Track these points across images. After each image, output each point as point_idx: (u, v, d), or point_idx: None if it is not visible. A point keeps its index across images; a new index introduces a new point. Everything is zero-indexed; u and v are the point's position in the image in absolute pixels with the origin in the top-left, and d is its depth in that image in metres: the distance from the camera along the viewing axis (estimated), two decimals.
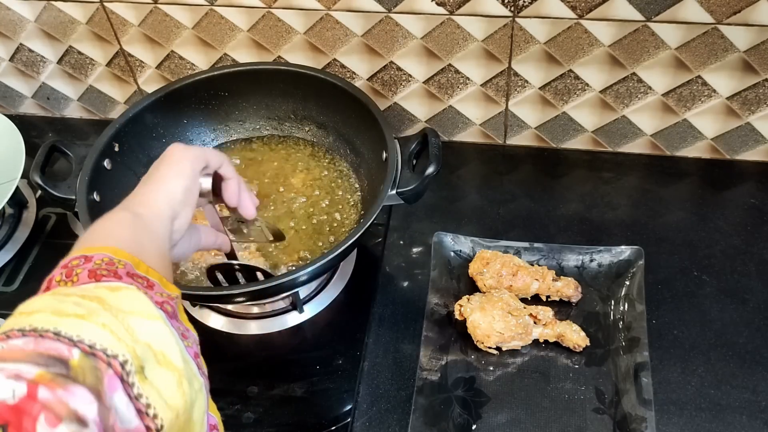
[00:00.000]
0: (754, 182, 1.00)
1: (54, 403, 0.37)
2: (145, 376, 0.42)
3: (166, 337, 0.46)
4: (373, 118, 0.88)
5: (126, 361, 0.42)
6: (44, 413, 0.36)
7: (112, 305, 0.45)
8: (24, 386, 0.37)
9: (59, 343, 0.40)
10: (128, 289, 0.47)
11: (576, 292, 0.86)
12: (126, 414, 0.41)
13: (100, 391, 0.39)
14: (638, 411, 0.76)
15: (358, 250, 0.95)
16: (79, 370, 0.39)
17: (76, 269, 0.48)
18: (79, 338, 0.41)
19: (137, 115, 0.92)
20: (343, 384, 0.83)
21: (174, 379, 0.44)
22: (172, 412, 0.43)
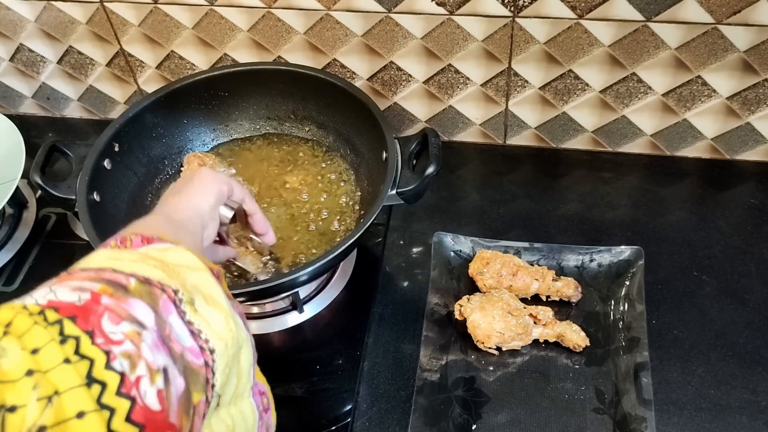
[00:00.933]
0: (754, 182, 1.00)
1: (116, 307, 0.40)
2: (196, 309, 0.45)
3: (213, 285, 0.48)
4: (373, 118, 0.88)
5: (178, 290, 0.44)
6: (108, 312, 0.40)
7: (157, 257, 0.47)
8: (88, 294, 0.40)
9: (118, 274, 0.43)
10: (176, 248, 0.50)
11: (576, 292, 0.86)
12: (181, 333, 0.43)
13: (156, 309, 0.42)
14: (638, 411, 0.76)
15: (358, 250, 0.95)
16: (137, 291, 0.42)
17: (131, 238, 0.50)
18: (134, 272, 0.44)
19: (137, 115, 0.92)
20: (343, 384, 0.83)
21: (222, 317, 0.46)
22: (222, 342, 0.45)
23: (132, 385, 0.38)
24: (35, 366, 0.36)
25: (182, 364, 0.42)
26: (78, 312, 0.39)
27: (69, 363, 0.37)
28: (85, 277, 0.43)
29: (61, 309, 0.39)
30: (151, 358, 0.40)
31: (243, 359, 0.49)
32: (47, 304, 0.39)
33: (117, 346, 0.38)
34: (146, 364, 0.39)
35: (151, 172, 0.96)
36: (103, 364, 0.37)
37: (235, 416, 0.48)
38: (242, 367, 0.49)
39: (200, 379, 0.43)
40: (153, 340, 0.40)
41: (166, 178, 0.97)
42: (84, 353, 0.37)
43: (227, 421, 0.47)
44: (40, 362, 0.36)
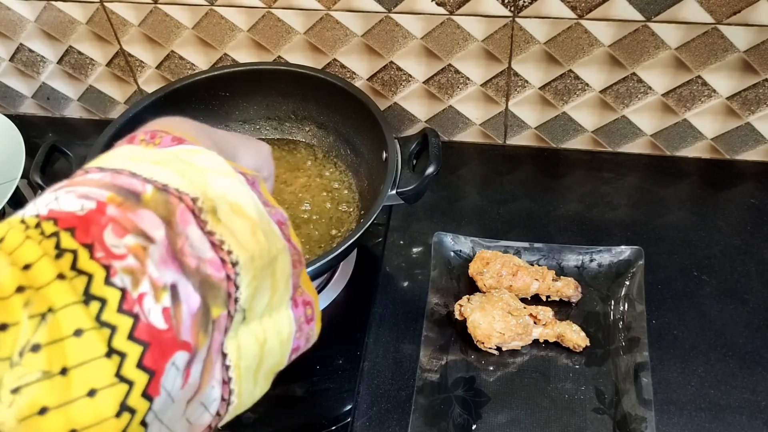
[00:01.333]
0: (754, 182, 1.00)
1: (121, 219, 0.37)
2: (219, 218, 0.41)
3: (242, 193, 0.44)
4: (373, 118, 0.88)
5: (197, 198, 0.41)
6: (111, 224, 0.37)
7: (187, 161, 0.43)
8: (93, 203, 0.37)
9: (134, 179, 0.40)
10: (207, 152, 0.45)
11: (576, 292, 0.86)
12: (200, 245, 0.40)
13: (171, 221, 0.39)
14: (638, 411, 0.76)
15: (358, 250, 0.95)
16: (151, 202, 0.39)
17: (160, 133, 0.46)
18: (152, 178, 0.40)
19: (137, 115, 0.92)
20: (343, 384, 0.83)
21: (248, 227, 0.43)
22: (247, 253, 0.42)
23: (134, 302, 0.36)
24: (27, 282, 0.34)
25: (198, 279, 0.39)
26: (78, 223, 0.36)
27: (64, 279, 0.34)
28: (97, 181, 0.40)
29: (60, 220, 0.36)
30: (156, 275, 0.37)
31: (279, 270, 0.45)
32: (47, 214, 0.37)
33: (118, 261, 0.36)
34: (151, 280, 0.36)
35: None
36: (102, 279, 0.35)
37: (268, 329, 0.45)
38: (278, 278, 0.45)
39: (221, 293, 0.40)
40: (161, 255, 0.37)
41: None
42: (81, 268, 0.35)
43: (258, 334, 0.44)
44: (32, 278, 0.34)
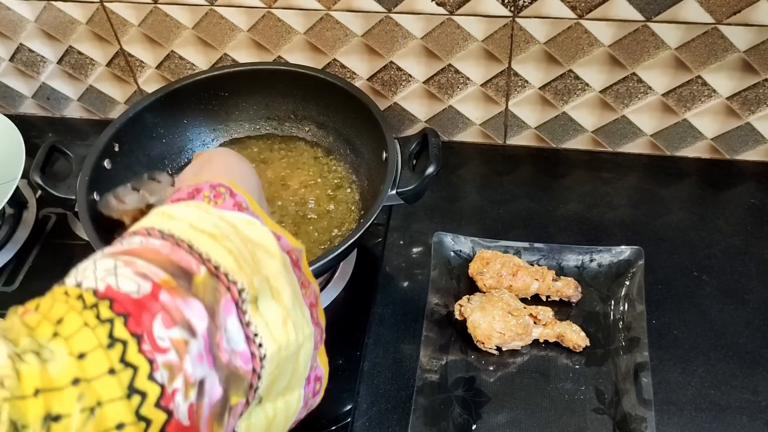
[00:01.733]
0: (754, 182, 1.00)
1: (172, 308, 0.39)
2: (257, 307, 0.44)
3: (284, 277, 0.47)
4: (373, 118, 0.88)
5: (243, 289, 0.43)
6: (162, 314, 0.38)
7: (243, 233, 0.46)
8: (149, 286, 0.39)
9: (191, 256, 0.42)
10: (261, 226, 0.48)
11: (576, 292, 0.86)
12: (236, 337, 0.42)
13: (214, 311, 0.41)
14: (638, 411, 0.76)
15: (358, 250, 0.95)
16: (201, 287, 0.41)
17: (224, 195, 0.49)
18: (207, 257, 0.43)
19: (137, 115, 0.92)
20: (343, 384, 0.83)
21: (281, 316, 0.46)
22: (275, 345, 0.45)
23: (170, 398, 0.38)
24: (81, 374, 0.36)
25: (226, 372, 0.41)
26: (132, 309, 0.38)
27: (114, 373, 0.36)
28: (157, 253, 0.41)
29: (116, 302, 0.38)
30: (190, 371, 0.39)
31: (301, 356, 0.48)
32: (105, 291, 0.38)
33: (161, 355, 0.38)
34: (184, 377, 0.38)
35: (151, 172, 0.96)
36: (146, 374, 0.37)
37: (279, 408, 0.48)
38: (299, 363, 0.48)
39: (244, 384, 0.42)
40: (199, 350, 0.39)
41: None
42: (129, 361, 0.37)
43: (269, 412, 0.46)
44: (86, 369, 0.36)
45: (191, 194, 0.49)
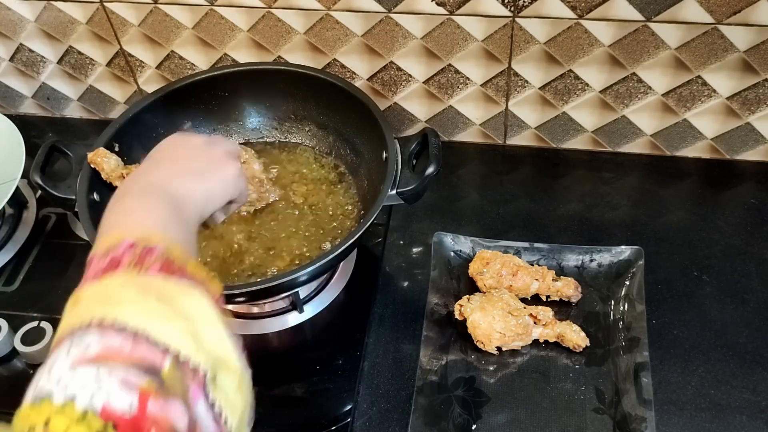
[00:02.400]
0: (754, 182, 1.00)
1: (160, 418, 0.41)
2: (216, 384, 0.45)
3: (227, 343, 0.48)
4: (373, 118, 0.88)
5: (206, 372, 0.45)
6: (154, 429, 0.40)
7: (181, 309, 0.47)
8: (136, 398, 0.40)
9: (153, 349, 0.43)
10: (192, 292, 0.49)
11: (576, 292, 0.86)
12: (206, 421, 0.44)
13: (188, 404, 0.43)
14: (638, 411, 0.76)
15: (358, 250, 0.95)
16: (170, 381, 0.42)
17: (147, 258, 0.49)
18: (166, 346, 0.44)
19: (137, 115, 0.92)
20: (343, 384, 0.83)
21: (235, 383, 0.47)
22: (237, 414, 0.46)
23: None
24: None
25: None
26: (133, 430, 0.39)
27: None
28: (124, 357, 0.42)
29: (120, 426, 0.39)
30: None
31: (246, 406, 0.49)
32: (101, 413, 0.39)
33: None
34: None
35: None
36: None
37: None
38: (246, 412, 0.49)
39: None
40: None
41: None
42: None
43: None
44: None
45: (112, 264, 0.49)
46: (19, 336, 0.86)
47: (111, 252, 0.50)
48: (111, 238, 0.51)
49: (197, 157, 0.65)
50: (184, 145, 0.67)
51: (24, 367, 0.87)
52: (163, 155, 0.65)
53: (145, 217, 0.55)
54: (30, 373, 0.86)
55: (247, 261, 0.88)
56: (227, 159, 0.66)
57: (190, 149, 0.66)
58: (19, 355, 0.87)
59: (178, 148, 0.66)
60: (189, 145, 0.66)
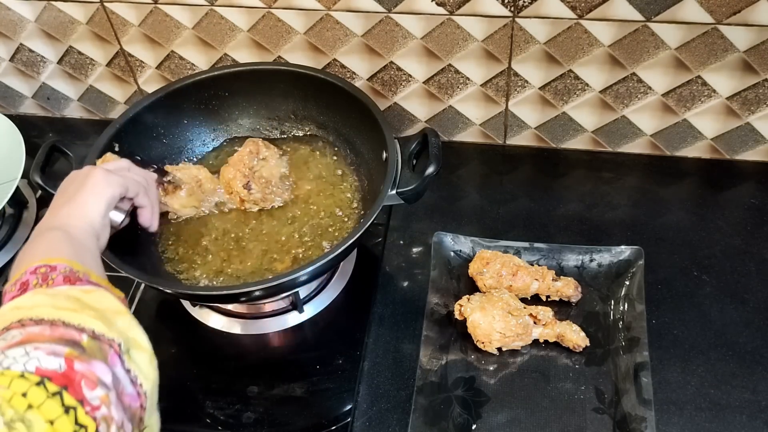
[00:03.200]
0: (754, 182, 1.00)
1: (87, 373, 0.48)
2: (131, 356, 0.53)
3: (135, 326, 0.57)
4: (373, 118, 0.88)
5: (120, 343, 0.53)
6: (84, 380, 0.47)
7: (88, 303, 0.55)
8: (63, 360, 0.47)
9: (69, 329, 0.50)
10: (98, 291, 0.57)
11: (576, 292, 0.86)
12: (125, 382, 0.51)
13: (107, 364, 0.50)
14: (638, 411, 0.76)
15: (358, 250, 0.95)
16: (90, 349, 0.50)
17: (50, 275, 0.57)
18: (81, 326, 0.51)
19: (137, 115, 0.92)
20: (343, 384, 0.83)
21: (146, 358, 0.55)
22: (149, 383, 0.54)
23: None
24: None
25: (130, 412, 0.50)
26: (66, 381, 0.46)
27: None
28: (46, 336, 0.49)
29: (54, 378, 0.46)
30: (117, 417, 0.48)
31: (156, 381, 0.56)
32: (37, 371, 0.46)
33: (98, 411, 0.47)
34: (115, 424, 0.48)
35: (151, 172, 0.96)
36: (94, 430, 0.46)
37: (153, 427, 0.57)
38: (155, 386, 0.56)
39: (136, 419, 0.51)
40: (115, 399, 0.49)
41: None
42: (81, 422, 0.46)
43: None
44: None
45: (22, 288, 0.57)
46: None
47: (18, 281, 0.57)
48: (17, 273, 0.59)
49: (70, 185, 0.72)
50: (68, 183, 0.74)
51: None
52: (53, 201, 0.72)
53: (42, 249, 0.63)
54: None
55: (248, 261, 0.88)
56: (89, 171, 0.73)
57: (67, 183, 0.73)
58: None
59: (62, 187, 0.73)
60: (68, 180, 0.74)
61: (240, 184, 0.91)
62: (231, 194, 0.92)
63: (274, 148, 0.94)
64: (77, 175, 0.73)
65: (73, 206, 0.69)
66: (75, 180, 0.73)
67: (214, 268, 0.88)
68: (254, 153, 0.92)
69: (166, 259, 0.89)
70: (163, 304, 0.93)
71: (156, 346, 0.57)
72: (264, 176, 0.92)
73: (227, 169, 0.93)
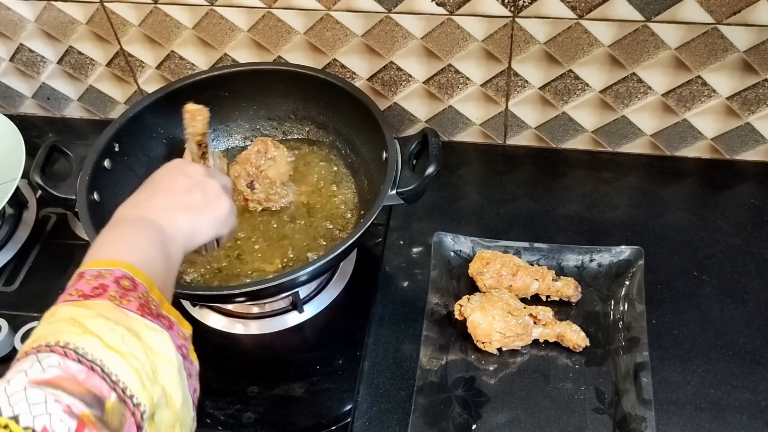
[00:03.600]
0: (754, 182, 1.00)
1: None
2: (153, 420, 0.50)
3: (176, 384, 0.53)
4: (373, 118, 0.88)
5: (145, 411, 0.49)
6: None
7: (146, 343, 0.52)
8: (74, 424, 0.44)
9: (104, 382, 0.48)
10: (160, 333, 0.53)
11: (576, 292, 0.86)
12: None
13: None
14: (638, 411, 0.76)
15: (358, 250, 0.95)
16: (110, 413, 0.47)
17: (129, 295, 0.54)
18: (117, 379, 0.48)
19: (137, 115, 0.92)
20: (343, 384, 0.83)
21: (170, 421, 0.52)
22: None
23: None
24: None
25: None
26: None
27: None
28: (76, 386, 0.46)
29: None
30: None
31: None
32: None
33: None
34: None
35: (151, 172, 0.95)
36: None
37: None
38: None
39: None
40: None
41: None
42: None
43: None
44: None
45: (97, 291, 0.53)
46: (19, 336, 0.86)
47: (100, 278, 0.54)
48: (103, 263, 0.56)
49: (193, 191, 0.66)
50: (183, 175, 0.68)
51: None
52: (161, 185, 0.67)
53: (134, 248, 0.58)
54: None
55: (248, 261, 0.88)
56: (221, 195, 0.68)
57: (187, 181, 0.67)
58: None
59: (177, 179, 0.67)
60: (187, 176, 0.68)
61: (244, 183, 0.91)
62: (235, 192, 0.92)
63: (283, 148, 0.94)
64: (205, 183, 0.67)
65: (188, 221, 0.64)
66: (201, 188, 0.67)
67: (214, 268, 0.88)
68: (262, 152, 0.92)
69: None
70: None
71: None
72: (269, 176, 0.92)
73: (234, 167, 0.93)
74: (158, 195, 0.65)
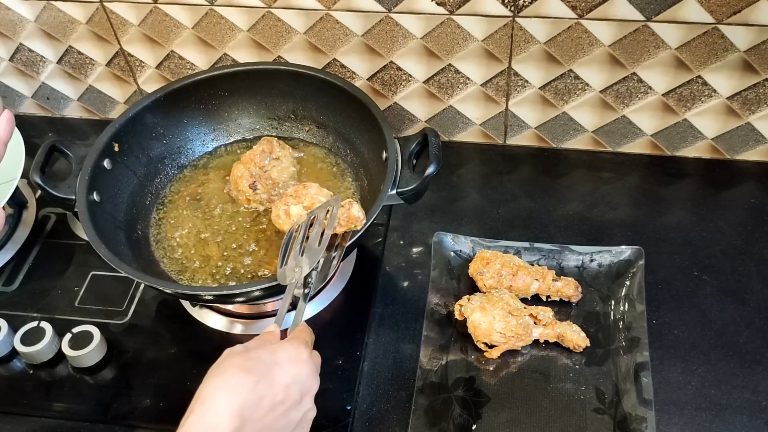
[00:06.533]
0: (754, 182, 1.00)
1: None
2: None
3: None
4: (373, 118, 0.88)
5: None
6: None
7: None
8: None
9: None
10: None
11: (576, 292, 0.86)
12: None
13: None
14: (638, 411, 0.76)
15: (358, 250, 0.95)
16: None
17: None
18: None
19: (137, 115, 0.92)
20: (343, 384, 0.83)
21: None
22: None
23: None
24: None
25: None
26: None
27: None
28: None
29: None
30: None
31: None
32: None
33: None
34: None
35: (151, 172, 0.96)
36: None
37: None
38: None
39: None
40: None
41: (166, 178, 0.97)
42: None
43: None
44: None
45: None
46: (19, 336, 0.86)
47: None
48: None
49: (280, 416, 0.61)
50: (274, 408, 0.61)
51: (23, 367, 0.87)
52: (252, 417, 0.59)
53: None
54: (29, 373, 0.86)
55: (248, 261, 0.88)
56: (310, 409, 0.65)
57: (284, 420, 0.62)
58: (18, 355, 0.87)
59: (268, 414, 0.60)
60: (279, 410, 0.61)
61: (246, 183, 0.91)
62: (238, 192, 0.92)
63: (289, 148, 0.94)
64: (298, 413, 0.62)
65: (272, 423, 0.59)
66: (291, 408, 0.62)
67: (214, 268, 0.88)
68: (267, 152, 0.92)
69: (167, 258, 0.89)
70: (163, 304, 0.93)
71: (156, 346, 0.55)
72: (272, 177, 0.92)
73: (237, 166, 0.93)
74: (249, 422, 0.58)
